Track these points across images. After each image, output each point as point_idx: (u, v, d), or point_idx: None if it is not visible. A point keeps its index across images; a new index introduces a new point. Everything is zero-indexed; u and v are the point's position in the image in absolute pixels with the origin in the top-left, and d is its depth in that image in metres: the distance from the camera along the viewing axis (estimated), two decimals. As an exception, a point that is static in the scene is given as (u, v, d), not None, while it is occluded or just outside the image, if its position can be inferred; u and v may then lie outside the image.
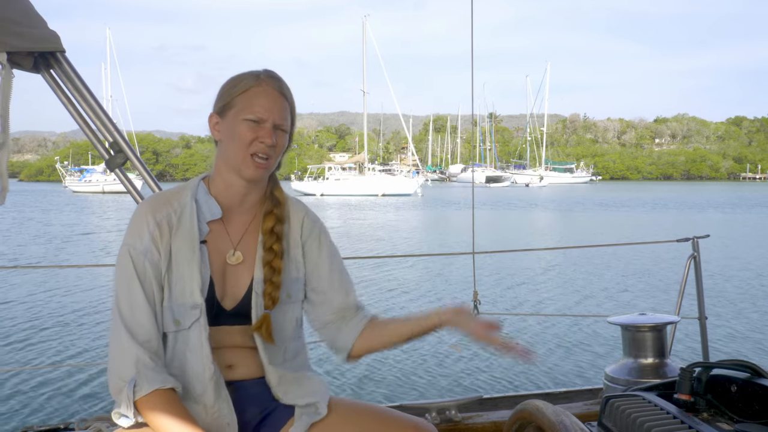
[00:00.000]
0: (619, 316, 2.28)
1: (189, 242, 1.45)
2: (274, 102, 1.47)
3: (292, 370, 1.55)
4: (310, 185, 51.57)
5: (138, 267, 1.40)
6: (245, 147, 1.44)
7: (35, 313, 8.84)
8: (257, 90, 1.46)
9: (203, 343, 1.42)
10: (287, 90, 1.51)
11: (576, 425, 1.21)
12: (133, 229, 1.44)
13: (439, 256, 14.26)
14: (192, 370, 1.43)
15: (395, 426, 1.49)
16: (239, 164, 1.45)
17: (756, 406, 1.30)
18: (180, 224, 1.46)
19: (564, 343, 7.06)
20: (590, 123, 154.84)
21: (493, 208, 33.86)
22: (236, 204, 1.52)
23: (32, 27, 1.90)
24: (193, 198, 1.49)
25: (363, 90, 55.13)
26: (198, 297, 1.43)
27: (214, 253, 1.49)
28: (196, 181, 1.54)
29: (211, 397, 1.42)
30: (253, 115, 1.44)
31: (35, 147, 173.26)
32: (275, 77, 1.50)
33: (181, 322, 1.43)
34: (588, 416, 2.12)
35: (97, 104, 2.06)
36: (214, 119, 1.50)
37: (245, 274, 1.50)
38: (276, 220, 1.53)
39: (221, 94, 1.49)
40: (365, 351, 1.62)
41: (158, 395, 1.31)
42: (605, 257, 13.84)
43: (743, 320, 8.36)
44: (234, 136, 1.45)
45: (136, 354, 1.34)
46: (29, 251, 16.45)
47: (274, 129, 1.46)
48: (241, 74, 1.50)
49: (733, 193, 55.81)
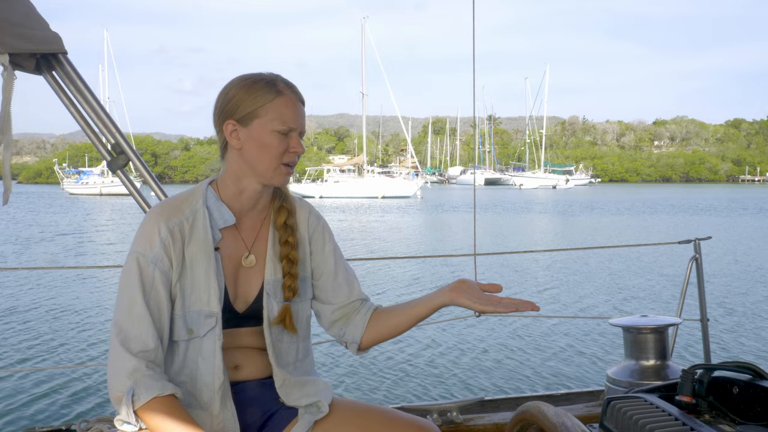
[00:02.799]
0: (620, 317, 2.28)
1: (204, 250, 1.44)
2: (298, 111, 1.49)
3: (300, 372, 1.56)
4: (309, 187, 51.48)
5: (145, 275, 1.39)
6: (278, 157, 1.46)
7: (36, 313, 8.83)
8: (283, 100, 1.46)
9: (216, 352, 1.43)
10: (302, 95, 1.53)
11: (577, 427, 1.21)
12: (144, 237, 1.42)
13: (440, 258, 14.25)
14: (202, 379, 1.43)
15: (399, 426, 1.50)
16: (270, 173, 1.47)
17: (758, 408, 1.30)
18: (193, 232, 1.45)
19: (566, 345, 7.06)
20: (589, 125, 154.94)
21: (495, 210, 33.86)
22: (248, 208, 1.53)
23: (34, 29, 1.90)
24: (204, 204, 1.48)
25: (362, 92, 55.16)
26: (215, 306, 1.43)
27: (227, 258, 1.49)
28: (205, 186, 1.53)
29: (218, 407, 1.43)
30: (284, 126, 1.45)
31: (34, 149, 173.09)
32: (292, 85, 1.51)
33: (195, 330, 1.43)
34: (589, 418, 2.12)
35: (99, 106, 2.06)
36: (231, 126, 1.47)
37: (257, 276, 1.52)
38: (288, 214, 1.55)
39: (238, 102, 1.47)
40: (375, 341, 1.64)
41: (158, 402, 1.30)
42: (607, 259, 13.85)
43: (745, 322, 8.36)
44: (264, 147, 1.45)
45: (132, 364, 1.33)
46: (24, 252, 16.45)
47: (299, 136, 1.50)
48: (255, 81, 1.48)
49: (733, 196, 55.85)
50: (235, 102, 1.47)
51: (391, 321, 1.61)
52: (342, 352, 6.73)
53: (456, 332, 7.59)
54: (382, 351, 6.83)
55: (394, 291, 10.53)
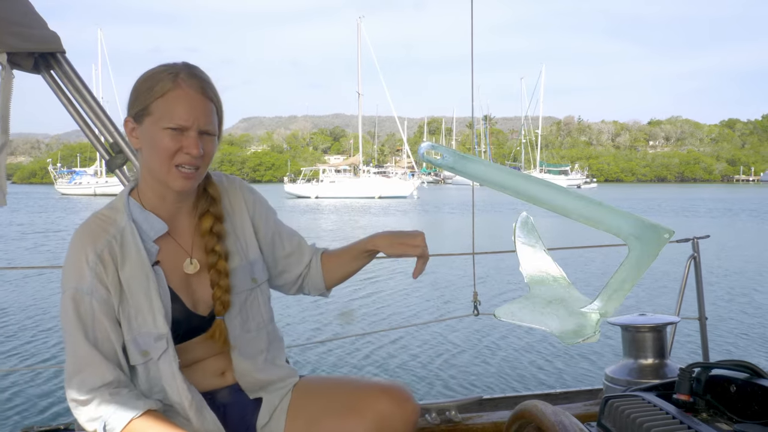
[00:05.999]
0: (618, 316, 2.27)
1: (140, 269, 1.33)
2: (197, 106, 1.32)
3: (266, 361, 1.52)
4: (304, 188, 51.32)
5: (82, 311, 1.29)
6: (168, 158, 1.31)
7: (35, 313, 8.80)
8: (177, 94, 1.30)
9: (175, 374, 1.35)
10: (210, 88, 1.36)
11: (575, 426, 1.21)
12: (72, 269, 1.30)
13: (438, 257, 14.22)
14: (172, 398, 1.37)
15: (367, 391, 1.47)
16: (165, 176, 1.33)
17: (755, 407, 1.30)
18: (124, 252, 1.33)
19: (564, 344, 7.07)
20: (584, 125, 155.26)
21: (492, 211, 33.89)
22: (175, 212, 1.42)
23: (32, 28, 1.90)
24: (129, 219, 1.36)
25: (358, 92, 55.14)
26: (162, 326, 1.33)
27: (171, 268, 1.39)
28: (124, 197, 1.39)
29: (195, 420, 1.38)
30: (174, 124, 1.30)
31: (28, 149, 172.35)
32: (196, 75, 1.34)
33: (150, 352, 1.34)
34: (587, 417, 2.13)
35: (97, 105, 2.06)
36: (130, 124, 1.35)
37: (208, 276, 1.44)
38: (214, 220, 1.44)
39: (136, 96, 1.33)
40: (335, 282, 1.65)
41: (136, 424, 1.26)
42: (605, 257, 13.85)
43: (743, 321, 8.39)
44: (155, 146, 1.31)
45: (95, 399, 1.26)
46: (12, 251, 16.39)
47: (199, 135, 1.33)
48: (157, 72, 1.34)
49: (728, 195, 56.00)
50: (133, 96, 1.34)
51: (340, 263, 1.62)
52: (338, 350, 6.74)
53: (454, 331, 7.60)
54: (381, 349, 6.84)
55: (394, 291, 10.52)
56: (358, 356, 6.65)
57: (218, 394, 1.46)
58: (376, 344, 7.04)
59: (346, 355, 6.68)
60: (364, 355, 6.70)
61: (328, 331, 7.79)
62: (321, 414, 1.49)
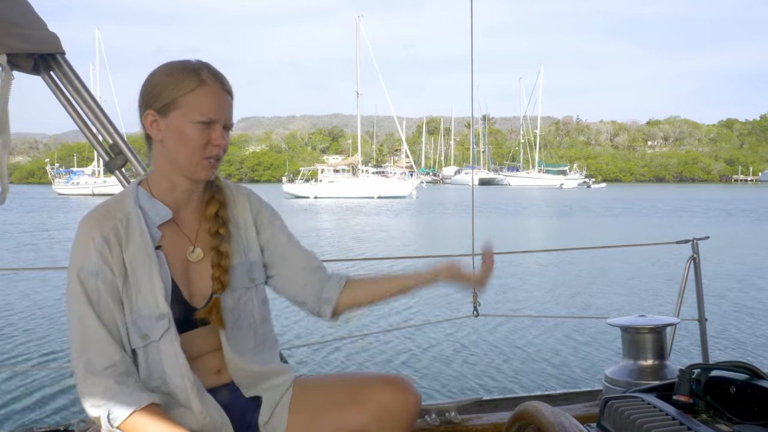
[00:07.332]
0: (618, 317, 2.28)
1: (143, 251, 1.37)
2: (223, 102, 1.41)
3: (259, 360, 1.52)
4: (303, 188, 51.27)
5: (90, 290, 1.33)
6: (199, 150, 1.38)
7: (35, 313, 8.78)
8: (205, 90, 1.38)
9: (177, 352, 1.37)
10: (230, 86, 1.45)
11: (575, 427, 1.21)
12: (79, 250, 1.35)
13: (439, 258, 14.22)
14: (172, 381, 1.38)
15: (367, 383, 1.49)
16: (192, 167, 1.40)
17: (755, 408, 1.31)
18: (129, 234, 1.37)
19: (564, 345, 7.07)
20: (583, 125, 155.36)
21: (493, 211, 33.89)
22: (184, 202, 1.47)
23: (32, 28, 1.89)
24: (136, 205, 1.41)
25: (357, 92, 55.15)
26: (163, 305, 1.36)
27: (173, 255, 1.43)
28: (134, 186, 1.46)
29: (197, 405, 1.39)
30: (205, 118, 1.37)
31: (26, 149, 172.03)
32: (218, 74, 1.43)
33: (150, 335, 1.36)
34: (588, 418, 2.13)
35: (97, 106, 2.06)
36: (151, 116, 1.40)
37: (208, 269, 1.46)
38: (219, 205, 1.49)
39: (159, 91, 1.39)
40: (349, 305, 1.61)
41: (138, 416, 1.28)
42: (605, 259, 13.85)
43: (743, 322, 8.39)
44: (184, 139, 1.38)
45: (102, 385, 1.29)
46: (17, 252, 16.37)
47: (224, 129, 1.42)
48: (178, 69, 1.40)
49: (726, 195, 56.06)
50: (156, 91, 1.40)
51: (370, 289, 1.61)
52: (337, 351, 6.74)
53: (454, 332, 7.59)
54: (380, 351, 6.84)
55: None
56: (358, 356, 6.65)
57: (218, 393, 1.47)
58: (376, 344, 7.04)
59: (346, 355, 6.68)
60: (364, 355, 6.70)
61: (328, 332, 7.79)
62: (323, 407, 1.50)
